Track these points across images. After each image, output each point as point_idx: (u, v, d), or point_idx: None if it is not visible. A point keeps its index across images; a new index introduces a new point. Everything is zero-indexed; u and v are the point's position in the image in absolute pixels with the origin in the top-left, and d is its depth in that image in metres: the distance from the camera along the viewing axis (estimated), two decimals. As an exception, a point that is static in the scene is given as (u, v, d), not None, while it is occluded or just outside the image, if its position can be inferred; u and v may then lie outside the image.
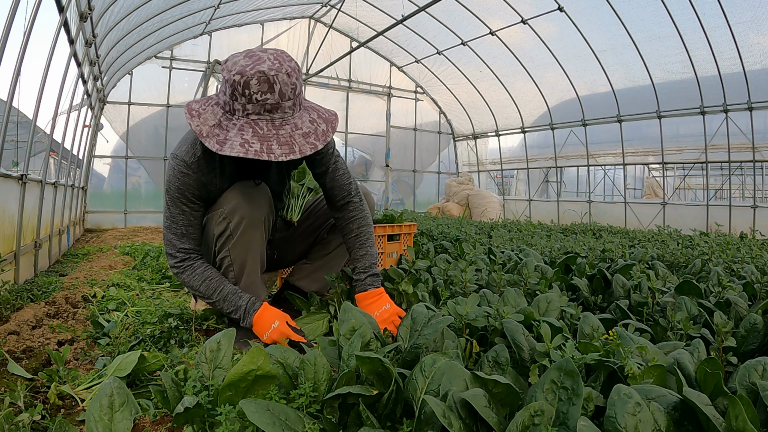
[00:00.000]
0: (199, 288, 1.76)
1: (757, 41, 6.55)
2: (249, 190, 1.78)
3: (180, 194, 1.71)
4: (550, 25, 8.45)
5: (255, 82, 1.45)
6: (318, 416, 1.08)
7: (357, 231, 1.98)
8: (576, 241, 4.37)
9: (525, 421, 0.88)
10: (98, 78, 6.65)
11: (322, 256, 2.22)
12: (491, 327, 1.56)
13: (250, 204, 1.75)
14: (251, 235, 1.77)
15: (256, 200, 1.78)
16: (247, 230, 1.75)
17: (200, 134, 1.51)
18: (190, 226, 1.75)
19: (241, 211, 1.73)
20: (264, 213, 1.81)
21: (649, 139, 8.68)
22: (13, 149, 7.95)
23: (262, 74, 1.45)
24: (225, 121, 1.52)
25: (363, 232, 1.98)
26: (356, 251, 1.97)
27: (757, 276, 2.42)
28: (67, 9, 3.78)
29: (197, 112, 1.55)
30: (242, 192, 1.76)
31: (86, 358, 1.72)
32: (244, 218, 1.74)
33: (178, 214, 1.73)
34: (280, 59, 1.50)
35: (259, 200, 1.80)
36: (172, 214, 1.73)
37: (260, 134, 1.47)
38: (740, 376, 1.10)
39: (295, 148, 1.49)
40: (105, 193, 9.02)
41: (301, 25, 10.55)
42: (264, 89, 1.46)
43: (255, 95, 1.46)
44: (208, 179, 1.75)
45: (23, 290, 2.66)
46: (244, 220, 1.74)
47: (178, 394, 1.20)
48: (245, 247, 1.78)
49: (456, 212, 10.89)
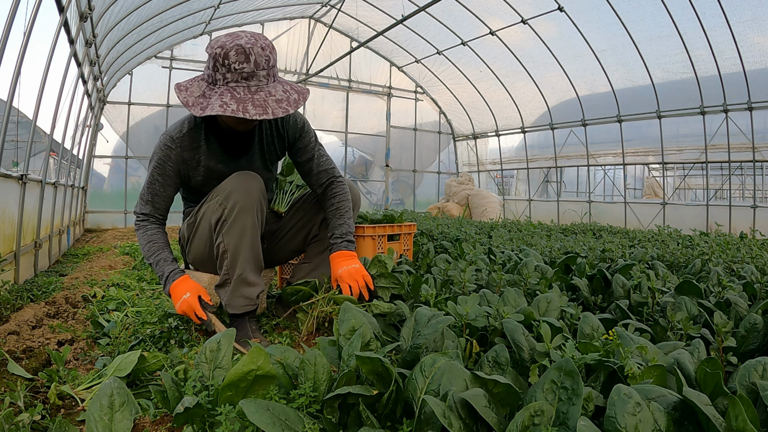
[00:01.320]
0: (144, 247, 1.93)
1: (757, 41, 6.55)
2: (243, 178, 1.86)
3: (159, 164, 1.88)
4: (550, 25, 8.45)
5: (233, 54, 1.64)
6: (318, 416, 1.08)
7: (337, 204, 2.10)
8: (576, 241, 4.38)
9: (525, 421, 0.88)
10: (98, 78, 6.66)
11: (320, 253, 2.25)
12: (491, 327, 1.56)
13: (243, 190, 1.83)
14: (244, 219, 1.83)
15: (249, 187, 1.85)
16: (240, 215, 1.82)
17: (186, 104, 1.70)
18: (156, 195, 1.93)
19: (234, 197, 1.82)
20: (255, 199, 1.85)
21: (649, 139, 8.68)
22: (13, 149, 7.95)
23: (240, 47, 1.65)
24: (208, 92, 1.70)
25: (343, 206, 2.10)
26: (335, 221, 2.08)
27: (757, 276, 2.42)
28: (67, 9, 3.79)
29: (185, 87, 1.75)
30: (236, 180, 1.86)
31: (86, 358, 1.73)
32: (237, 203, 1.82)
33: (151, 183, 1.91)
34: (256, 36, 1.71)
35: (252, 187, 1.85)
36: (148, 181, 1.93)
37: (237, 98, 1.65)
38: (740, 376, 1.10)
39: (268, 110, 1.65)
40: (105, 193, 9.03)
41: (301, 25, 10.55)
42: (241, 59, 1.64)
43: (233, 65, 1.65)
44: (189, 156, 1.91)
45: (23, 290, 2.66)
46: (237, 205, 1.82)
47: (178, 394, 1.20)
48: (239, 232, 1.84)
49: (456, 212, 10.89)
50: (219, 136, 1.96)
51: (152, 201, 1.94)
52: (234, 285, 1.89)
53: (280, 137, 2.09)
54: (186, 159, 1.90)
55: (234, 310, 1.92)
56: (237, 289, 1.90)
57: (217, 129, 1.95)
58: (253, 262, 1.91)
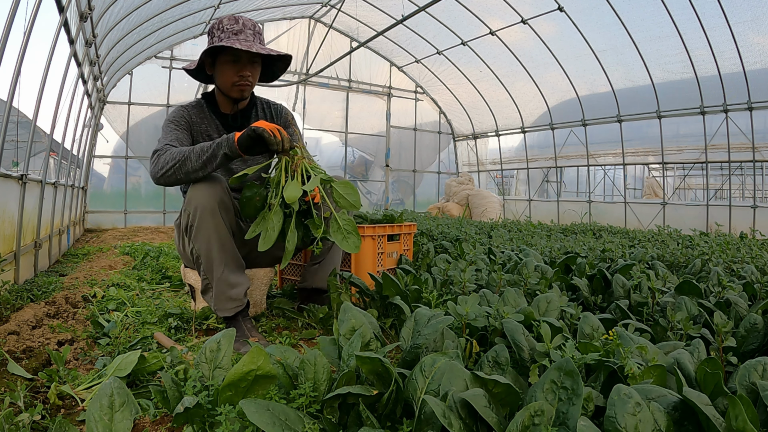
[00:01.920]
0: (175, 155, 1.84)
1: (757, 41, 6.55)
2: (200, 182, 1.89)
3: (174, 119, 2.06)
4: (550, 25, 8.45)
5: (226, 20, 2.00)
6: (318, 416, 1.08)
7: None
8: (576, 241, 4.37)
9: (525, 421, 0.88)
10: (98, 78, 6.66)
11: (327, 250, 2.30)
12: (491, 327, 1.56)
13: (202, 194, 1.86)
14: (207, 222, 1.85)
15: (208, 189, 1.86)
16: (203, 218, 1.84)
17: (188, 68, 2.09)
18: (177, 139, 2.00)
19: (194, 202, 1.86)
20: (216, 200, 1.85)
21: (649, 139, 8.68)
22: (13, 149, 7.95)
23: (232, 16, 2.02)
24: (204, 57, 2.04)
25: None
26: None
27: (757, 276, 2.42)
28: (67, 9, 3.78)
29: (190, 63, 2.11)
30: (195, 185, 1.89)
31: (86, 358, 1.72)
32: (198, 207, 1.85)
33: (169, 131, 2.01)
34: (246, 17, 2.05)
35: (211, 189, 1.86)
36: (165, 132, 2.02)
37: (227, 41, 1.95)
38: (740, 376, 1.10)
39: (253, 48, 1.94)
40: (105, 193, 9.02)
41: (301, 25, 10.55)
42: (232, 22, 1.99)
43: (225, 26, 1.98)
44: (197, 119, 2.12)
45: (23, 290, 2.66)
46: (198, 209, 1.85)
47: (178, 394, 1.20)
48: (205, 235, 1.86)
49: (456, 212, 10.88)
50: (220, 117, 2.17)
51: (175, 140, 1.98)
52: (216, 288, 1.91)
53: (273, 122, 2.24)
54: (194, 121, 2.11)
55: (225, 313, 1.93)
56: (221, 292, 1.91)
57: (218, 111, 2.17)
58: (231, 262, 1.92)
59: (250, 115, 2.22)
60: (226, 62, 2.00)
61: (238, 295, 1.93)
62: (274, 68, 2.22)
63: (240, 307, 1.95)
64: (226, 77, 2.02)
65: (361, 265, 2.55)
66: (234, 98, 2.09)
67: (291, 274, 2.82)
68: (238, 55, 1.98)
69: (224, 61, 2.00)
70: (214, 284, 1.90)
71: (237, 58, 1.99)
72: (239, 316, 1.96)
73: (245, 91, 2.06)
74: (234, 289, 1.92)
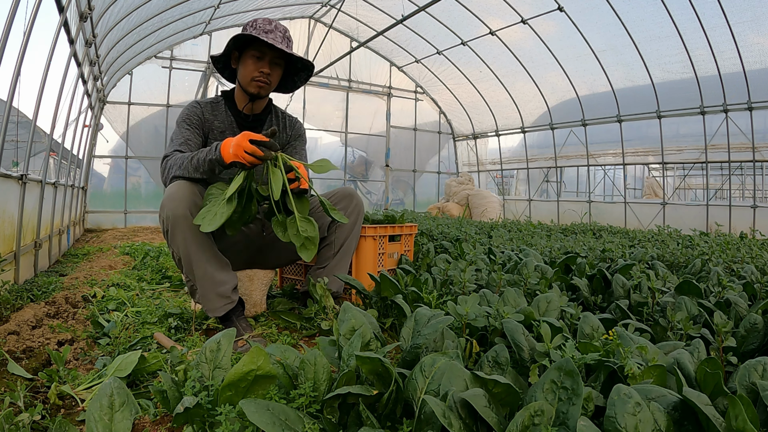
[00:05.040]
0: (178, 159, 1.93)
1: (757, 41, 6.55)
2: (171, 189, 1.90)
3: (187, 118, 2.10)
4: (550, 25, 8.45)
5: (261, 20, 2.06)
6: (318, 416, 1.08)
7: None
8: (576, 241, 4.37)
9: (525, 421, 0.88)
10: (98, 78, 6.66)
11: (331, 257, 2.29)
12: (491, 327, 1.56)
13: (172, 199, 1.87)
14: (181, 225, 1.86)
15: (177, 195, 1.87)
16: (176, 222, 1.86)
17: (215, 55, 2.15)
18: (188, 140, 2.05)
19: (166, 207, 1.88)
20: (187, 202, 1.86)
21: (649, 139, 8.68)
22: (13, 149, 7.94)
23: (266, 18, 2.06)
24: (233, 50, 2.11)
25: None
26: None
27: (757, 276, 2.42)
28: (67, 9, 3.78)
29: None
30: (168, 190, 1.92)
31: (86, 358, 1.72)
32: (170, 212, 1.86)
33: (181, 132, 2.06)
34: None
35: (180, 195, 1.87)
36: (177, 132, 2.07)
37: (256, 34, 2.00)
38: (740, 376, 1.10)
39: (281, 45, 2.00)
40: (105, 193, 9.02)
41: (301, 24, 10.55)
42: (266, 23, 2.04)
43: (259, 24, 2.04)
44: (210, 117, 2.16)
45: (23, 290, 2.66)
46: (170, 213, 1.86)
47: (178, 394, 1.20)
48: (181, 238, 1.88)
49: (456, 212, 10.88)
50: (236, 115, 2.20)
51: (184, 143, 2.02)
52: (201, 288, 1.91)
53: (285, 132, 2.29)
54: (207, 118, 2.14)
55: (216, 312, 1.93)
56: (208, 291, 1.91)
57: (235, 108, 2.20)
58: (212, 259, 1.92)
59: (264, 120, 2.26)
60: (251, 56, 2.05)
61: (225, 293, 1.92)
62: (295, 78, 2.27)
63: (230, 305, 1.94)
64: (248, 71, 2.06)
65: (362, 266, 2.55)
66: (251, 94, 2.10)
67: (291, 273, 2.82)
68: (263, 52, 2.04)
69: (249, 55, 2.06)
70: (198, 284, 1.91)
71: (262, 55, 2.05)
72: (232, 315, 1.96)
73: (263, 88, 2.09)
74: (220, 287, 1.91)
